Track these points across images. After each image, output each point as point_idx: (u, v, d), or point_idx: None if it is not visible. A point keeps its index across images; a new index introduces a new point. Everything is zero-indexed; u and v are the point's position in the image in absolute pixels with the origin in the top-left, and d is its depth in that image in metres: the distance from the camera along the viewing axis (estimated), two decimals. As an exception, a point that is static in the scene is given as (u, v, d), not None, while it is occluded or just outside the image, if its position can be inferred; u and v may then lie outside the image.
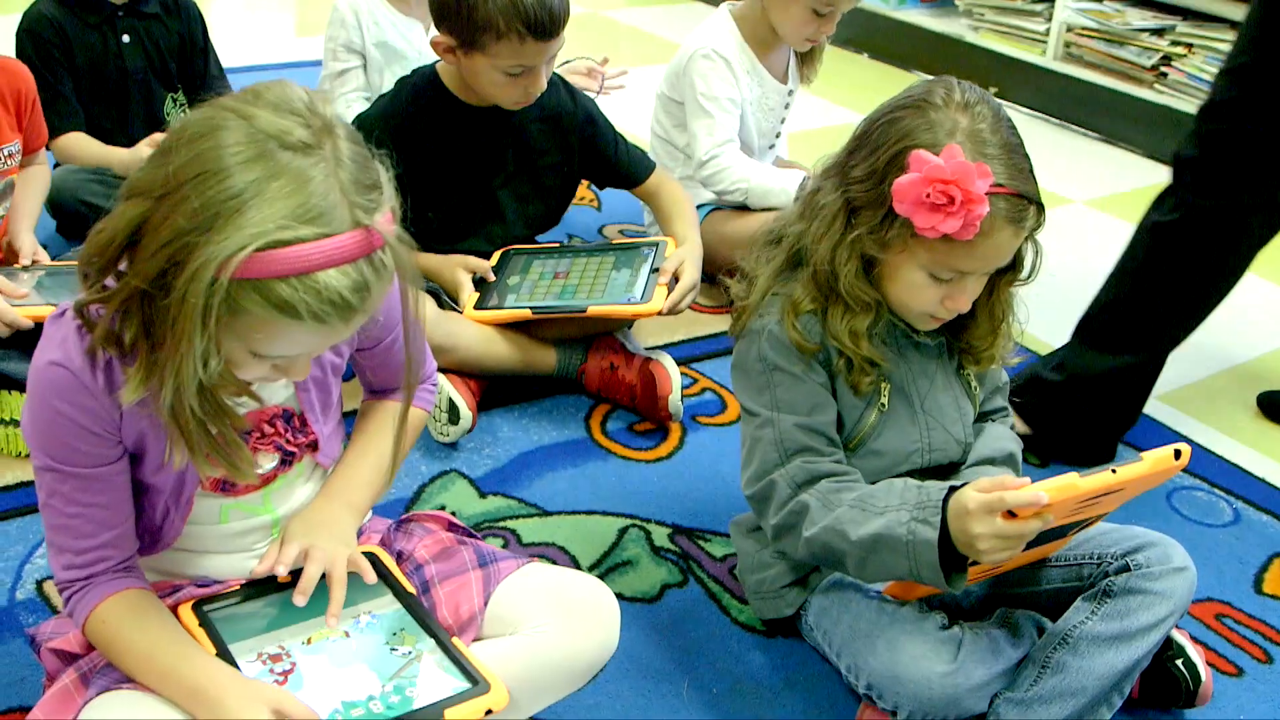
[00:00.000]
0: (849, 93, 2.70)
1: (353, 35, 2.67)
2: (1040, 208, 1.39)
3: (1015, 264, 1.46)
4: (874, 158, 1.38)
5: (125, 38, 2.49)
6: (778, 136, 2.69)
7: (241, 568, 1.35)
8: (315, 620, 1.31)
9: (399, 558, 1.40)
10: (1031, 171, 1.39)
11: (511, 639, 1.31)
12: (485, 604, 1.33)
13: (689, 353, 2.31)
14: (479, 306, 2.02)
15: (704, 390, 2.21)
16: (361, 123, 2.06)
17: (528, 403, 2.12)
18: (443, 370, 1.96)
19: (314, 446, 1.34)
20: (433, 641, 1.28)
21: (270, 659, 1.25)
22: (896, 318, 1.48)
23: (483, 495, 1.88)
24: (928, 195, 1.31)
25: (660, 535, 1.82)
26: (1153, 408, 2.19)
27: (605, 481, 1.94)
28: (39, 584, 1.65)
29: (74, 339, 1.14)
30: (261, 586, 1.35)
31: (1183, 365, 2.27)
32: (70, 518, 1.21)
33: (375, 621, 1.31)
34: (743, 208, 2.47)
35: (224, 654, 1.23)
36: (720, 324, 2.44)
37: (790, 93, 2.64)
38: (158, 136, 2.30)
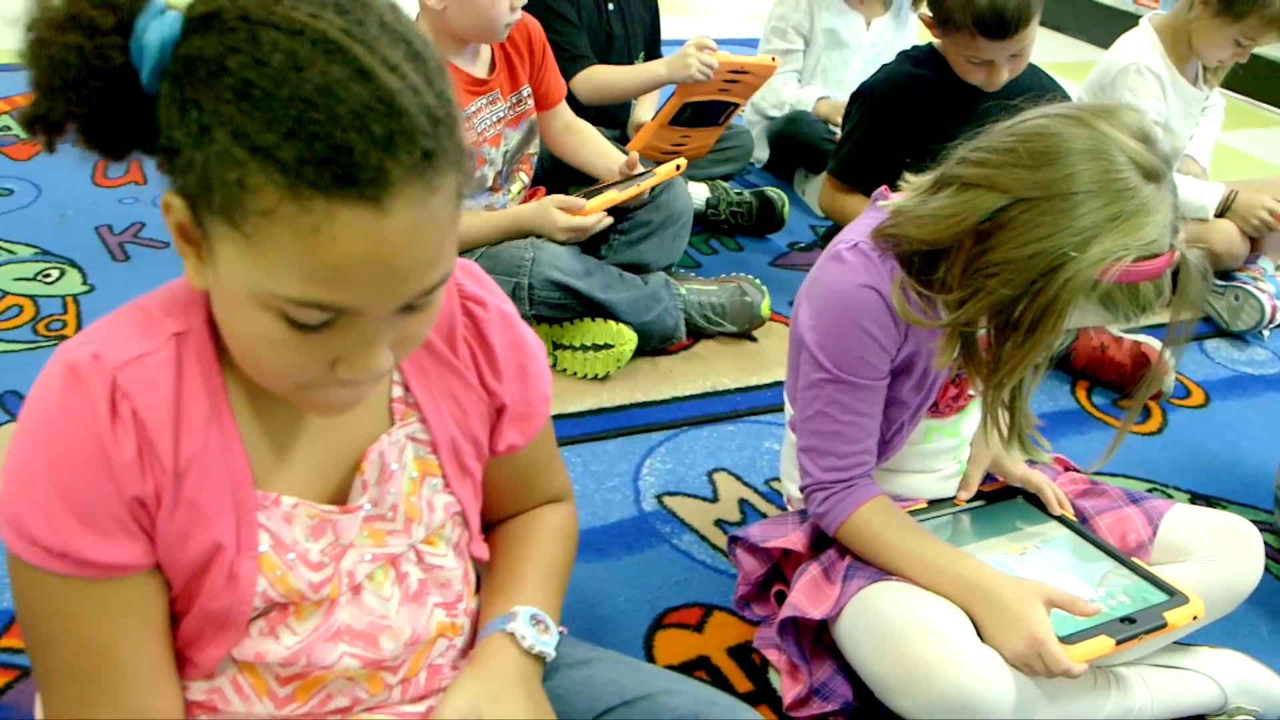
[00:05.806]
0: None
1: (803, 18, 2.90)
2: None
3: None
4: None
5: (610, 6, 2.77)
6: (1190, 139, 2.84)
7: (925, 489, 1.56)
8: (1003, 537, 1.51)
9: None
10: None
11: (1184, 565, 1.50)
12: (1154, 534, 1.53)
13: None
14: None
15: (1167, 375, 2.37)
16: (874, 88, 2.30)
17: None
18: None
19: None
20: (1115, 561, 1.47)
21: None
22: None
23: (1013, 453, 2.07)
24: None
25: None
26: None
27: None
28: (658, 498, 1.88)
29: (877, 266, 1.35)
30: (939, 504, 1.56)
31: None
32: (843, 425, 1.42)
33: (1057, 540, 1.51)
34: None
35: None
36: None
37: (1206, 98, 2.80)
38: (673, 60, 2.54)
